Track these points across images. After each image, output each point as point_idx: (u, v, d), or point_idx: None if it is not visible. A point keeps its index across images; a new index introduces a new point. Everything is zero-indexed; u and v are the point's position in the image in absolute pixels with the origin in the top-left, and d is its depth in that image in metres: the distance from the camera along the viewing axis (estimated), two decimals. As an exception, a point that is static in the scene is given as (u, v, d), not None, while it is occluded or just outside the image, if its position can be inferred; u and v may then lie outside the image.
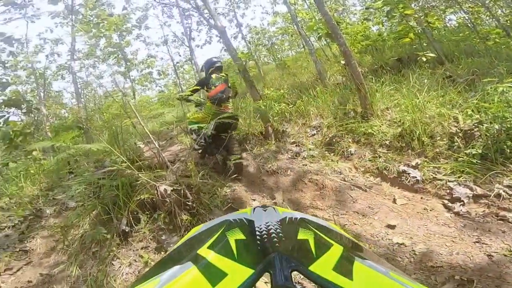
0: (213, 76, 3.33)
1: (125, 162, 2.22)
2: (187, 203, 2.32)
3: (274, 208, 0.61)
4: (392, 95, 4.31)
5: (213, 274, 0.36)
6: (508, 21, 8.36)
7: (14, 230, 2.54)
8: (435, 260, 1.96)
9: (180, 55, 14.29)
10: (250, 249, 0.42)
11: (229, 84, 3.46)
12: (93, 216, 2.22)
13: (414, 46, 5.97)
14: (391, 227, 2.46)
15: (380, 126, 3.80)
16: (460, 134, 3.01)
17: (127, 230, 2.14)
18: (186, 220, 2.25)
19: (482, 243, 2.03)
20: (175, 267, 0.39)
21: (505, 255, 1.85)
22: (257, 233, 0.45)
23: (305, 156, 3.85)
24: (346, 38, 6.93)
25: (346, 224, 2.60)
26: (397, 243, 2.23)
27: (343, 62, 5.04)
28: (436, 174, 2.90)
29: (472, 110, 3.11)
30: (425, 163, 3.04)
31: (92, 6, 6.23)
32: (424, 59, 4.61)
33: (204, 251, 0.43)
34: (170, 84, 13.48)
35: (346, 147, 3.90)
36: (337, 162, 3.65)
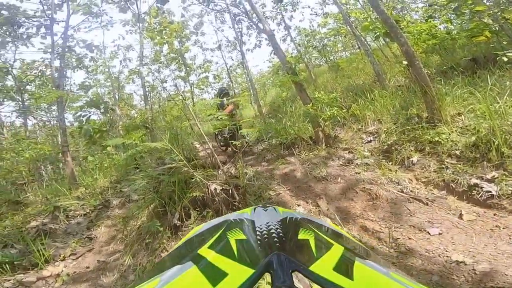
0: (225, 100, 5.13)
1: (182, 160, 2.38)
2: (234, 203, 2.39)
3: (274, 208, 0.61)
4: (465, 99, 3.80)
5: (214, 274, 0.35)
6: None
7: (85, 218, 2.90)
8: (498, 280, 1.70)
9: (232, 59, 14.84)
10: (251, 249, 0.42)
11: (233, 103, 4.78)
12: (151, 209, 2.43)
13: (492, 45, 5.17)
14: (452, 243, 2.17)
15: (450, 134, 3.37)
16: (553, 146, 2.48)
17: (178, 224, 2.29)
18: (232, 220, 2.31)
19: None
20: (175, 267, 0.40)
21: None
22: (258, 233, 0.45)
23: (359, 163, 3.62)
24: (408, 37, 6.35)
25: (399, 238, 2.37)
26: (456, 260, 1.97)
27: (405, 62, 4.64)
28: (516, 190, 2.45)
29: None
30: (504, 176, 2.60)
31: (155, 14, 6.86)
32: (505, 59, 3.98)
33: (205, 251, 0.43)
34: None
35: (407, 156, 3.55)
36: (396, 172, 3.34)
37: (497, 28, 4.95)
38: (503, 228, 2.22)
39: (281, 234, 0.44)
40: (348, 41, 12.59)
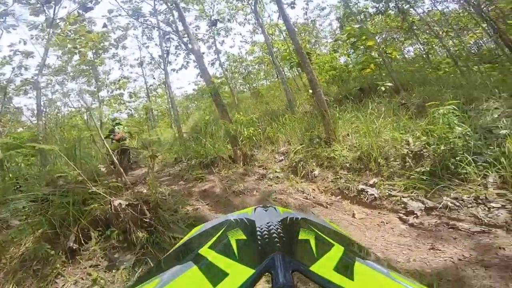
0: (116, 128, 5.90)
1: (81, 176, 2.13)
2: (144, 219, 2.23)
3: (275, 208, 0.61)
4: (352, 122, 4.63)
5: (214, 273, 0.35)
6: (457, 51, 9.48)
7: None
8: (394, 267, 2.03)
9: (154, 78, 14.13)
10: (251, 249, 0.42)
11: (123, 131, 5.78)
12: (38, 234, 2.04)
13: (375, 76, 6.51)
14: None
15: (342, 151, 4.02)
16: (411, 155, 3.26)
17: (74, 248, 1.98)
18: (142, 237, 2.14)
19: (437, 250, 2.12)
20: (176, 267, 0.40)
21: (460, 260, 1.94)
22: (258, 233, 0.45)
23: (271, 177, 3.91)
24: (315, 68, 7.48)
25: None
26: (355, 252, 2.28)
27: (311, 91, 5.42)
28: (391, 191, 3.06)
29: (421, 133, 3.42)
30: (381, 181, 3.22)
31: (73, 21, 6.17)
32: (383, 88, 5.06)
33: (205, 251, 0.42)
34: (140, 108, 13.21)
35: (310, 170, 4.04)
36: (301, 183, 3.74)
37: (380, 62, 6.26)
38: (387, 223, 2.69)
39: (281, 234, 0.43)
40: (269, 69, 13.74)
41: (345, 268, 0.37)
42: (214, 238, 0.47)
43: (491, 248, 1.99)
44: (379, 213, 2.96)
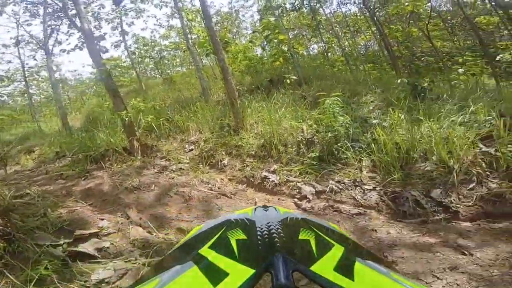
0: None
1: None
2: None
3: (275, 208, 0.61)
4: (259, 111, 4.76)
5: (214, 273, 0.35)
6: (350, 51, 10.97)
7: None
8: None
9: (36, 59, 11.49)
10: (251, 249, 0.42)
11: None
12: None
13: (283, 69, 6.91)
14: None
15: (248, 139, 4.08)
16: (305, 142, 3.53)
17: None
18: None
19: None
20: (176, 267, 0.39)
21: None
22: (258, 233, 0.44)
23: (174, 169, 3.66)
24: (229, 57, 7.43)
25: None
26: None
27: (225, 79, 5.29)
28: (289, 177, 3.25)
29: (314, 122, 3.75)
30: (281, 168, 3.39)
31: None
32: (288, 81, 5.41)
33: (205, 251, 0.42)
34: (16, 93, 10.61)
35: (220, 160, 3.97)
36: (208, 173, 3.63)
37: (289, 56, 6.61)
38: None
39: (281, 234, 0.43)
40: (186, 56, 12.99)
41: (345, 268, 0.37)
42: (214, 238, 0.47)
43: (367, 230, 2.27)
44: (278, 199, 3.11)
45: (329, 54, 11.29)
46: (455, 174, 2.38)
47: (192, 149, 4.56)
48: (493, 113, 2.73)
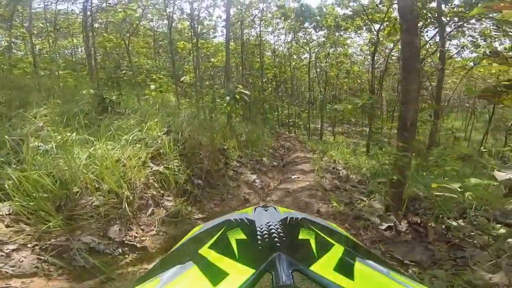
0: None
1: None
2: None
3: (275, 208, 0.61)
4: None
5: (214, 273, 0.35)
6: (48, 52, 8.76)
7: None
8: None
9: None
10: (251, 249, 0.42)
11: None
12: None
13: None
14: None
15: None
16: None
17: None
18: None
19: None
20: (176, 267, 0.39)
21: None
22: (258, 233, 0.44)
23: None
24: None
25: None
26: None
27: None
28: None
29: None
30: None
31: None
32: None
33: (205, 251, 0.42)
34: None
35: None
36: None
37: None
38: None
39: (281, 234, 0.43)
40: None
41: (345, 268, 0.37)
42: (214, 238, 0.46)
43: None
44: None
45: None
46: (126, 203, 2.00)
47: None
48: (164, 129, 2.75)
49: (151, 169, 2.28)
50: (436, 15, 5.87)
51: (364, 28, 9.75)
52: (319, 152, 6.46)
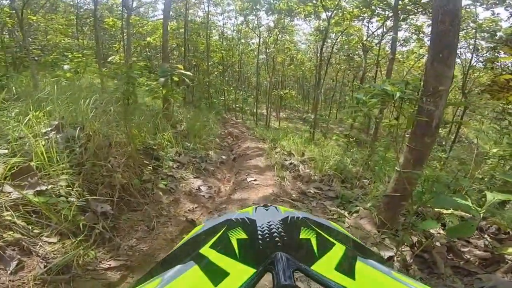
0: None
1: None
2: None
3: (276, 207, 0.59)
4: None
5: (215, 273, 0.35)
6: None
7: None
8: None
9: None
10: (252, 249, 0.41)
11: None
12: None
13: None
14: None
15: None
16: None
17: None
18: None
19: None
20: (177, 267, 0.39)
21: None
22: (259, 232, 0.43)
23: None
24: None
25: None
26: None
27: None
28: None
29: None
30: None
31: None
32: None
33: (206, 250, 0.42)
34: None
35: None
36: None
37: None
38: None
39: (282, 234, 0.42)
40: None
41: (346, 267, 0.36)
42: (215, 238, 0.45)
43: None
44: None
45: None
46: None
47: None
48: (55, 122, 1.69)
49: (9, 196, 1.27)
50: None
51: (313, 16, 9.50)
52: (269, 142, 5.91)
